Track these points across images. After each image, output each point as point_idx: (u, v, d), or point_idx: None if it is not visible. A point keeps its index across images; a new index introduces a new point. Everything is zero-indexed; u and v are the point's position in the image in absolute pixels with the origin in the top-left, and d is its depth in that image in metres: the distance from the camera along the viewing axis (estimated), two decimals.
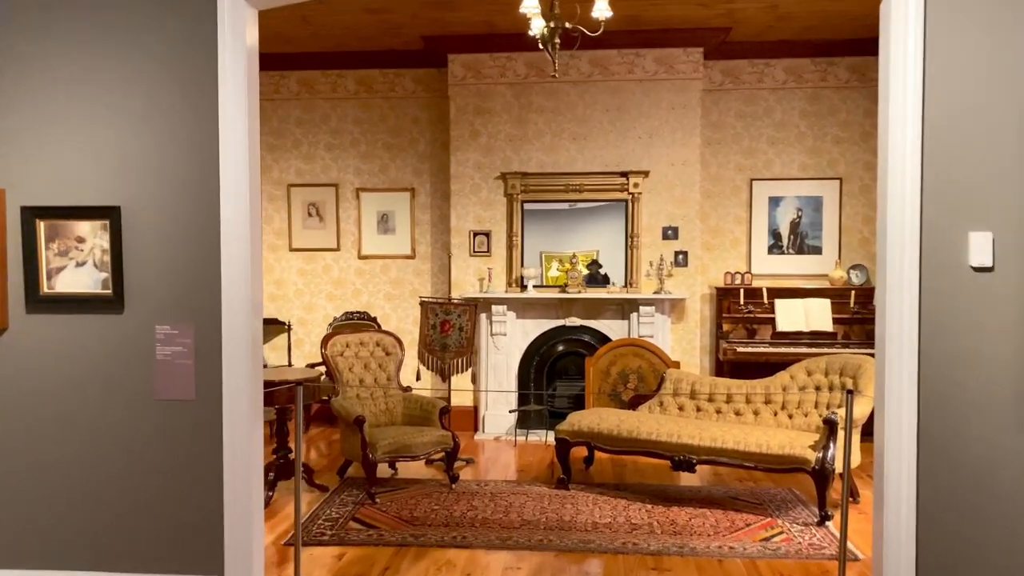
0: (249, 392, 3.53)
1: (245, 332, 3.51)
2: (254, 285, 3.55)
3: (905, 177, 3.26)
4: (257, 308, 3.59)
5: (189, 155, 3.49)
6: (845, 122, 7.83)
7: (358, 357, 6.20)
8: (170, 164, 3.50)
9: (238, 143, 3.48)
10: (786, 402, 5.80)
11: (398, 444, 5.55)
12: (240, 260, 3.49)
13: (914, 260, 3.28)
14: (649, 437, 5.47)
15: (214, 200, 3.48)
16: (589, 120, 7.60)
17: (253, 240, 3.53)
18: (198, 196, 3.49)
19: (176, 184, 3.50)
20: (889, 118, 3.27)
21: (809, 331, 7.41)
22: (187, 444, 3.52)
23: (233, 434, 3.49)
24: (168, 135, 3.49)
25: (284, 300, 8.41)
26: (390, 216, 8.24)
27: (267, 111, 8.32)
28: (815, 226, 7.90)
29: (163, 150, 3.50)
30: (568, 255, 7.64)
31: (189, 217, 3.49)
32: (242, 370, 3.51)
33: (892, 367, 3.25)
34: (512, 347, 7.66)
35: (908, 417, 3.20)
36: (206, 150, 3.48)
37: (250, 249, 3.51)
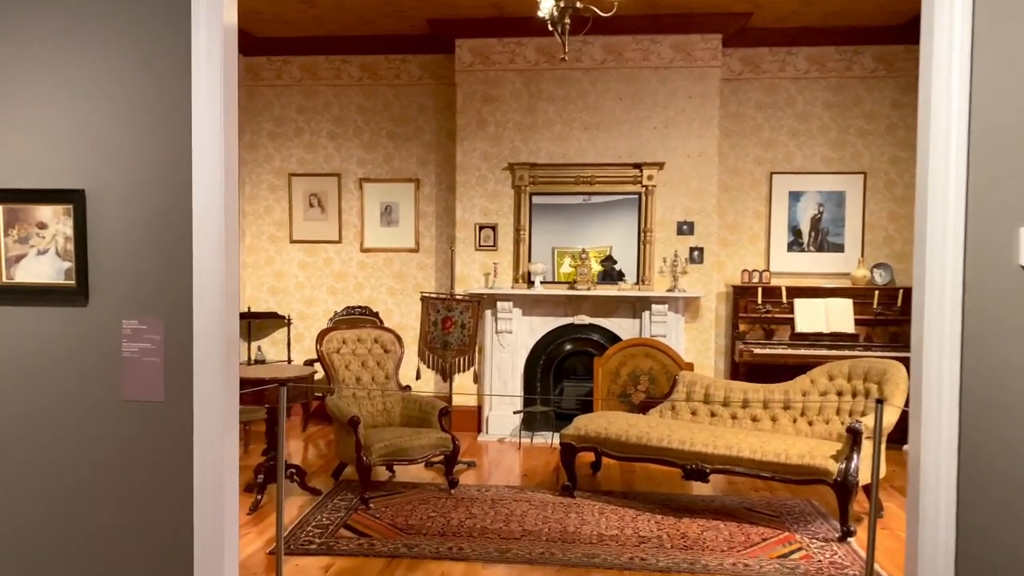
0: (223, 394, 3.24)
1: (218, 329, 3.22)
2: (229, 277, 3.26)
3: (949, 168, 2.91)
4: (232, 303, 3.30)
5: (159, 136, 3.19)
6: (870, 114, 7.46)
7: (355, 354, 5.92)
8: (138, 146, 3.20)
9: (212, 125, 3.18)
10: (806, 408, 5.47)
11: (394, 447, 5.26)
12: (214, 250, 3.19)
13: (957, 258, 2.93)
14: (660, 444, 5.15)
15: (186, 185, 3.19)
16: (602, 109, 7.27)
17: (228, 228, 3.24)
18: (168, 180, 3.19)
19: (145, 167, 3.21)
20: (931, 105, 2.92)
21: (830, 332, 7.06)
22: (154, 450, 3.24)
23: (204, 439, 3.20)
24: (136, 115, 3.20)
25: (284, 293, 8.14)
26: (394, 208, 7.95)
27: (268, 98, 8.05)
28: (837, 222, 7.54)
29: (131, 130, 3.21)
30: (580, 251, 7.32)
31: (159, 203, 3.20)
32: (215, 370, 3.22)
33: (931, 371, 2.92)
34: (518, 345, 7.36)
35: (948, 427, 2.86)
36: (178, 132, 3.18)
37: (225, 238, 3.21)
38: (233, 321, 3.35)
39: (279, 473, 3.98)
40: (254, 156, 8.12)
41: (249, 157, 8.12)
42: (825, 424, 5.37)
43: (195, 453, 3.24)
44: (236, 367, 3.39)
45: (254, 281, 8.17)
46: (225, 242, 3.23)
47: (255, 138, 8.10)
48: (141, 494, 3.26)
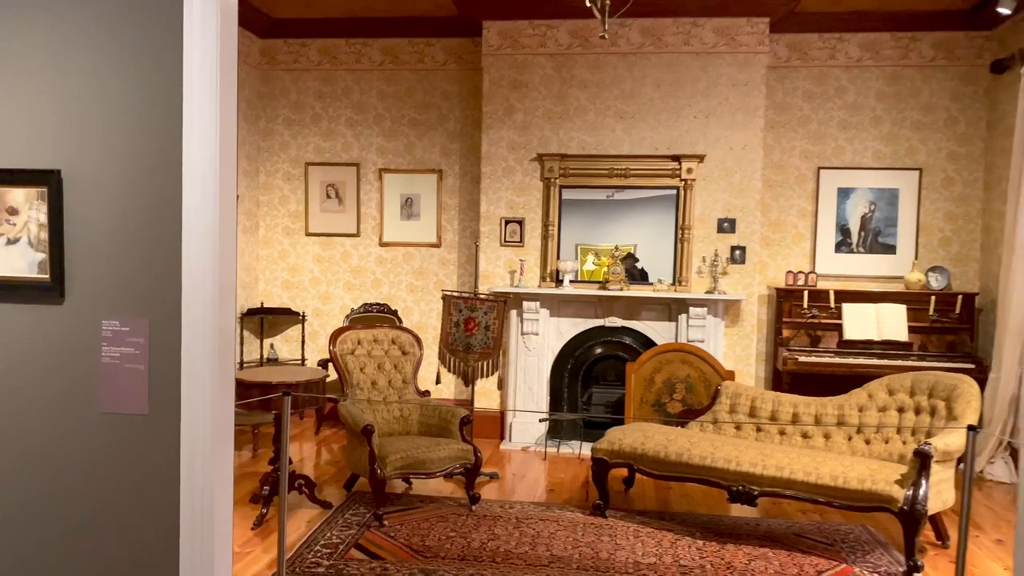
0: (215, 407, 2.82)
1: (211, 331, 2.80)
2: (224, 273, 2.83)
3: None
4: (227, 302, 2.88)
5: (146, 114, 2.77)
6: (928, 106, 6.93)
7: (371, 356, 5.50)
8: (123, 124, 2.79)
9: (205, 102, 2.75)
10: (863, 426, 4.98)
11: (411, 459, 4.83)
12: (207, 241, 2.77)
13: None
14: (703, 462, 4.68)
15: (175, 168, 2.77)
16: (638, 97, 6.79)
17: (224, 218, 2.81)
18: (156, 163, 2.77)
19: (130, 148, 2.79)
20: None
21: (881, 340, 6.55)
22: (136, 470, 2.83)
23: (194, 460, 2.79)
24: (120, 89, 2.78)
25: (299, 288, 7.75)
26: (415, 200, 7.52)
27: (285, 82, 7.65)
28: (889, 222, 7.01)
29: (114, 106, 2.79)
30: (606, 248, 6.86)
31: (145, 187, 2.78)
32: (206, 379, 2.80)
33: None
34: (544, 348, 6.91)
35: None
36: (167, 109, 2.76)
37: (219, 228, 2.79)
38: (228, 323, 2.93)
39: (281, 493, 3.58)
40: (269, 144, 7.72)
41: (264, 144, 7.73)
42: (884, 444, 4.87)
43: (183, 476, 2.83)
44: (231, 375, 2.97)
45: (267, 275, 7.79)
46: (219, 233, 2.81)
47: (270, 125, 7.71)
48: (120, 519, 2.85)
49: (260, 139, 7.72)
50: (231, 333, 2.96)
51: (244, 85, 7.37)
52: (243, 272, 7.46)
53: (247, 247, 7.53)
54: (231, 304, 2.95)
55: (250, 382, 4.73)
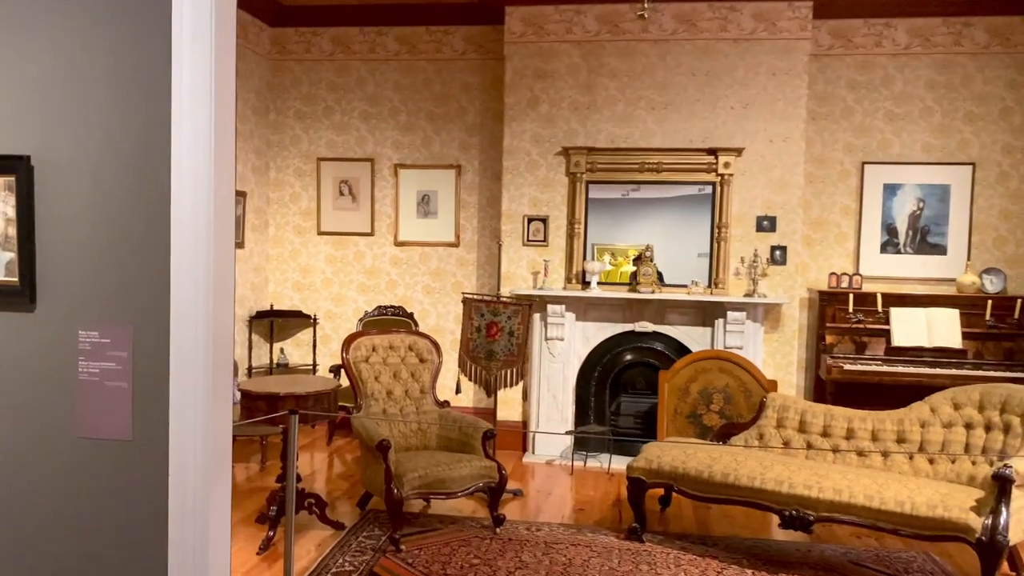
0: (210, 432, 2.42)
1: (205, 343, 2.40)
2: (219, 274, 2.44)
3: None
4: (223, 307, 2.48)
5: (129, 95, 2.38)
6: (981, 95, 6.46)
7: (386, 364, 5.10)
8: (103, 106, 2.39)
9: (197, 83, 2.35)
10: (925, 443, 4.53)
11: (430, 477, 4.43)
12: (199, 239, 2.37)
13: None
14: (751, 484, 4.25)
15: (163, 156, 2.37)
16: (671, 86, 6.36)
17: (219, 212, 2.41)
18: (141, 150, 2.38)
19: (111, 132, 2.39)
20: None
21: (932, 347, 6.09)
22: (118, 506, 2.43)
23: (184, 496, 2.38)
24: (100, 66, 2.39)
25: (310, 290, 7.37)
26: (432, 197, 7.12)
27: (296, 73, 7.27)
28: (939, 220, 6.55)
29: (93, 86, 2.39)
30: (622, 248, 6.43)
31: (128, 177, 2.39)
32: (200, 399, 2.40)
33: None
34: (570, 354, 6.49)
35: None
36: (154, 90, 2.37)
37: (214, 224, 2.39)
38: (225, 332, 2.53)
39: (289, 518, 3.19)
40: (279, 138, 7.35)
41: (274, 139, 7.35)
42: (951, 464, 4.43)
43: (171, 515, 2.43)
44: (229, 394, 2.57)
45: (278, 276, 7.41)
46: (215, 230, 2.41)
47: (280, 118, 7.33)
48: (98, 562, 2.46)
49: (270, 133, 7.34)
50: (229, 345, 2.56)
51: (253, 75, 7.00)
52: (252, 273, 7.09)
53: (256, 246, 7.16)
54: (228, 311, 2.55)
55: (257, 393, 4.34)
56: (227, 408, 2.54)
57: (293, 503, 3.22)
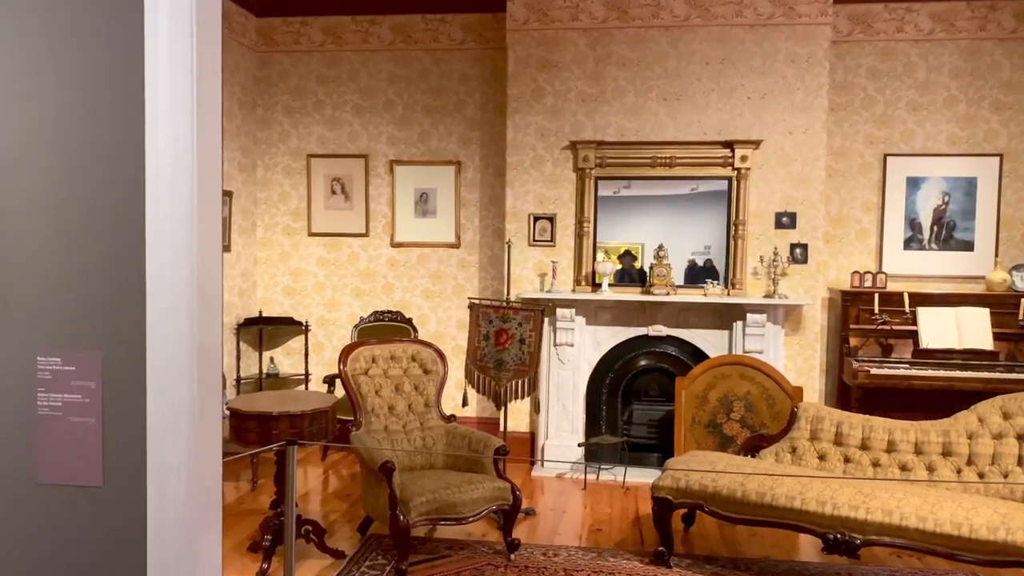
0: (195, 475, 2.04)
1: (189, 370, 2.02)
2: (205, 289, 2.05)
3: None
4: (210, 328, 2.09)
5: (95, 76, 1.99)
6: (1009, 83, 6.14)
7: (387, 376, 4.72)
8: (63, 90, 2.00)
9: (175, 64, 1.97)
10: (974, 456, 4.20)
11: (440, 502, 4.05)
12: (179, 249, 1.99)
13: None
14: (790, 504, 3.90)
15: (136, 148, 1.98)
16: (684, 76, 6.01)
17: (204, 217, 2.03)
18: (110, 149, 1.99)
19: (74, 122, 2.00)
20: None
21: (962, 349, 5.77)
22: (89, 564, 2.05)
23: (165, 553, 2.00)
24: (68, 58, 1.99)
25: (301, 295, 6.97)
26: (430, 195, 6.74)
27: (284, 65, 6.87)
28: (966, 215, 6.24)
29: (58, 79, 2.00)
30: (615, 246, 6.07)
31: (95, 181, 2.00)
32: (182, 436, 2.02)
33: None
34: (580, 361, 6.13)
35: None
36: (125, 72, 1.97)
37: (197, 231, 2.00)
38: (213, 356, 2.14)
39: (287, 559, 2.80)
40: (267, 134, 6.94)
41: (262, 135, 6.94)
42: (1003, 479, 4.10)
43: (149, 572, 2.05)
44: (217, 427, 2.19)
45: (267, 281, 7.00)
46: (198, 238, 2.03)
47: (268, 113, 6.93)
48: None
49: (257, 129, 6.93)
50: (216, 370, 2.17)
51: (239, 68, 6.59)
52: (239, 278, 6.68)
53: (244, 249, 6.75)
54: (215, 330, 2.16)
55: (246, 413, 3.95)
56: (215, 445, 2.16)
57: (292, 543, 2.84)
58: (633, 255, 6.09)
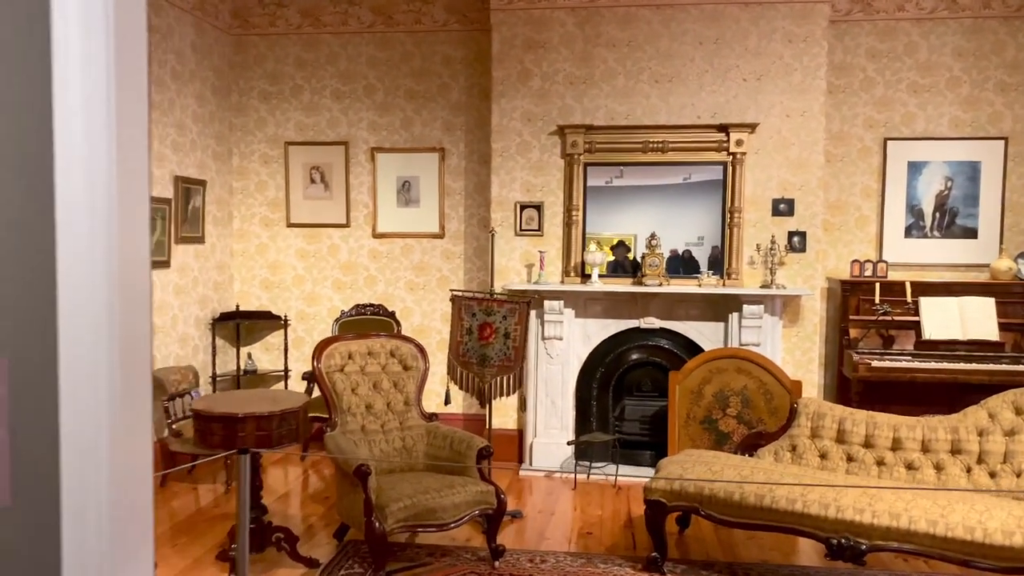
0: (118, 493, 1.77)
1: (109, 376, 1.75)
2: (129, 286, 1.78)
3: None
4: (136, 328, 1.82)
5: None
6: (1015, 63, 5.90)
7: (365, 373, 4.46)
8: None
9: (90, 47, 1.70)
10: (984, 454, 3.97)
11: (419, 507, 3.81)
12: (95, 242, 1.71)
13: None
14: (792, 507, 3.66)
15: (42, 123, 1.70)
16: (677, 57, 5.75)
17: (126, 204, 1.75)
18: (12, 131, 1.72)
19: None
20: None
21: (966, 340, 5.54)
22: None
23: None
24: None
25: (280, 289, 6.70)
26: (413, 183, 6.48)
27: (260, 49, 6.58)
28: (969, 201, 6.00)
29: None
30: (608, 237, 5.83)
31: None
32: (103, 449, 1.75)
33: None
34: (569, 355, 5.88)
35: None
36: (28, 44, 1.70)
37: (118, 221, 1.72)
38: (141, 359, 1.86)
39: None
40: (243, 121, 6.66)
41: (237, 122, 6.66)
42: (1015, 477, 3.87)
43: None
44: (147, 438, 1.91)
45: (244, 274, 6.73)
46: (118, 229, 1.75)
47: (244, 99, 6.64)
48: None
49: (232, 116, 6.65)
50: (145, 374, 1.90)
51: (212, 52, 6.30)
52: (215, 271, 6.41)
53: (219, 241, 6.48)
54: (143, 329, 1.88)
55: (210, 414, 3.69)
56: (145, 457, 1.89)
57: (245, 559, 2.59)
58: (627, 246, 5.84)
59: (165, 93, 5.68)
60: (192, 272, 6.08)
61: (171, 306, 5.81)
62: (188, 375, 5.64)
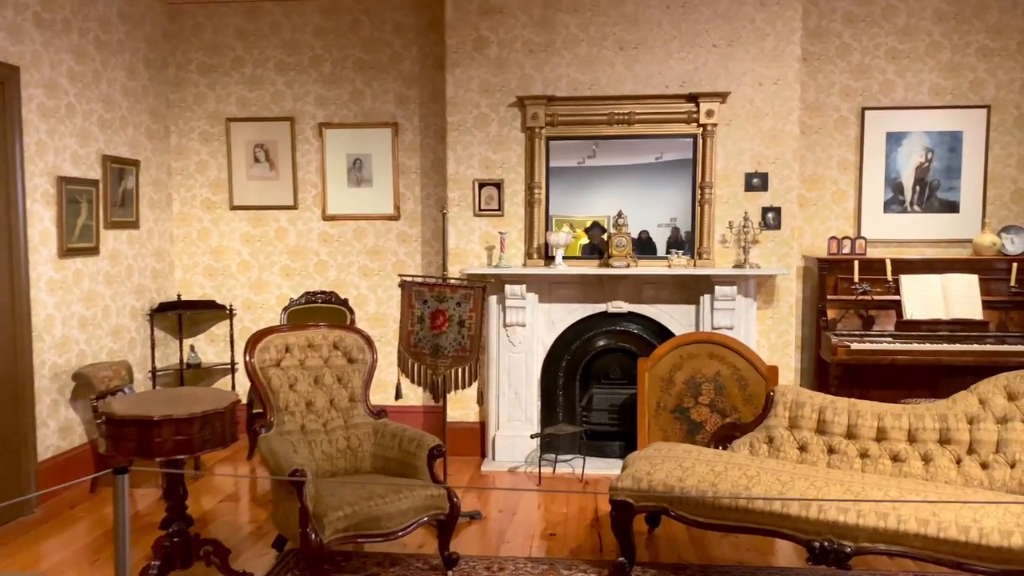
0: None
1: None
2: None
3: None
4: None
5: None
6: (997, 27, 5.60)
7: (304, 367, 4.07)
8: None
9: None
10: (975, 443, 3.68)
11: (361, 515, 3.44)
12: None
13: None
14: (769, 507, 3.35)
15: None
16: (643, 21, 5.38)
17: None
18: None
19: None
20: None
21: (949, 319, 5.27)
22: None
23: None
24: None
25: (225, 276, 6.26)
26: (365, 161, 6.06)
27: (197, 19, 6.11)
28: (951, 173, 5.71)
29: None
30: (580, 219, 5.49)
31: None
32: None
33: None
34: (533, 342, 5.53)
35: None
36: None
37: None
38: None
39: None
40: (181, 96, 6.19)
41: (174, 98, 6.19)
42: (1009, 469, 3.58)
43: None
44: None
45: (185, 261, 6.29)
46: None
47: (181, 73, 6.17)
48: None
49: (169, 91, 6.18)
50: None
51: (144, 21, 5.82)
52: (152, 258, 5.96)
53: (156, 226, 6.03)
54: None
55: (123, 418, 3.28)
56: None
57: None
58: (602, 227, 5.48)
59: (88, 64, 5.20)
60: (126, 259, 5.63)
61: (102, 296, 5.37)
62: (121, 371, 5.21)
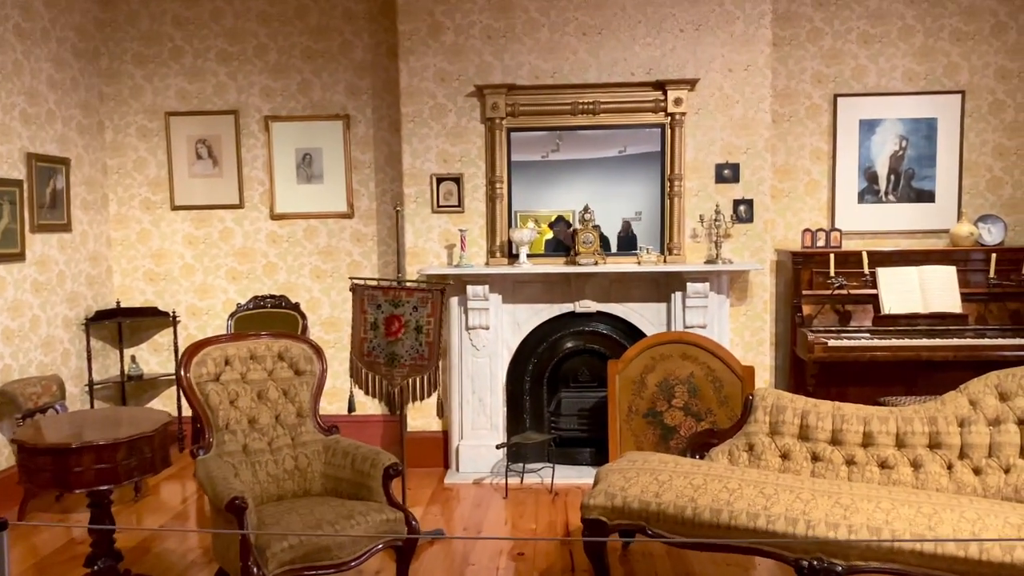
0: None
1: None
2: None
3: None
4: None
5: None
6: (970, 9, 5.43)
7: (246, 381, 3.73)
8: None
9: None
10: (967, 447, 3.46)
11: (308, 546, 3.11)
12: None
13: None
14: (754, 524, 3.09)
15: None
16: (606, 5, 5.10)
17: None
18: None
19: None
20: None
21: (927, 313, 5.09)
22: None
23: None
24: None
25: (167, 281, 5.87)
26: (315, 156, 5.71)
27: (133, 6, 5.70)
28: (926, 161, 5.53)
29: None
30: (546, 214, 5.23)
31: None
32: None
33: None
34: (498, 345, 5.24)
35: None
36: None
37: None
38: None
39: None
40: (116, 90, 5.78)
41: (110, 91, 5.78)
42: (1004, 474, 3.37)
43: None
44: None
45: (124, 265, 5.88)
46: None
47: (116, 64, 5.76)
48: None
49: (103, 83, 5.76)
50: None
51: (73, 9, 5.40)
52: (87, 263, 5.55)
53: (92, 228, 5.61)
54: None
55: (36, 447, 2.92)
56: None
57: None
58: (567, 222, 5.21)
59: (8, 54, 4.78)
60: (57, 265, 5.22)
61: (29, 306, 4.96)
62: (51, 386, 4.80)
